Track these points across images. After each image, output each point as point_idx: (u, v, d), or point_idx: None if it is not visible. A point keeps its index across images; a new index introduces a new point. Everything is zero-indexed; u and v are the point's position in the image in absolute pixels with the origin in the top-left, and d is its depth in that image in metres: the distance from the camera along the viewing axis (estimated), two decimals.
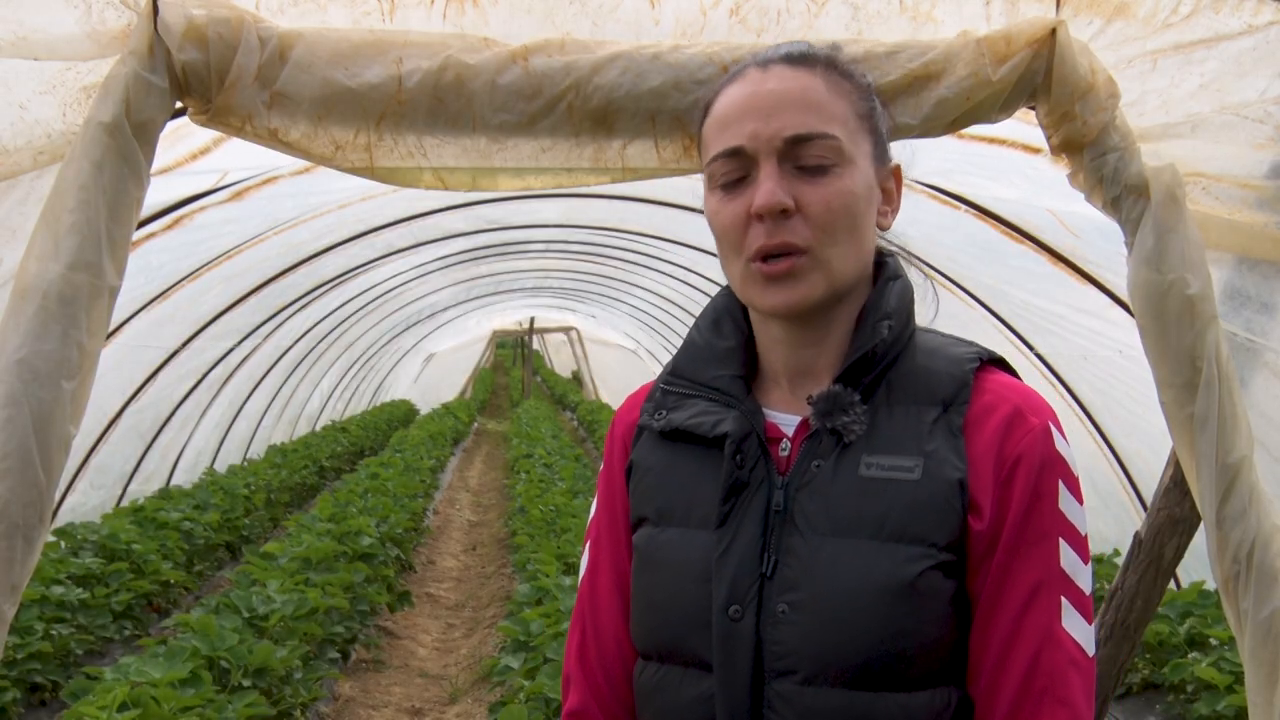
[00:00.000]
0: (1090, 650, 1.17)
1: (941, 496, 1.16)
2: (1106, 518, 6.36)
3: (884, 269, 1.28)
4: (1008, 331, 5.74)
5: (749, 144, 1.19)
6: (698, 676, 1.22)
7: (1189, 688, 4.77)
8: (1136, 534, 2.38)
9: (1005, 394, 1.21)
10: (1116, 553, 6.20)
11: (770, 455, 1.23)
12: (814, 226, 1.18)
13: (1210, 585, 5.27)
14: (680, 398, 1.31)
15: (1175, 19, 1.88)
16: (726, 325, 1.32)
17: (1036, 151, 3.02)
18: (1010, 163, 3.26)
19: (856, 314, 1.25)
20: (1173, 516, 2.29)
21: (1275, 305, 2.19)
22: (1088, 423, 5.81)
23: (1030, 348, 5.73)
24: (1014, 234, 4.60)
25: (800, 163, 1.18)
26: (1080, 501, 1.20)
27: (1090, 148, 1.88)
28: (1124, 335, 4.64)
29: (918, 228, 5.32)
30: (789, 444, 1.24)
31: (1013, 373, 1.27)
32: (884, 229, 1.28)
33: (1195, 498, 1.95)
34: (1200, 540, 2.14)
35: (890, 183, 1.28)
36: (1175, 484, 2.27)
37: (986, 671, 1.17)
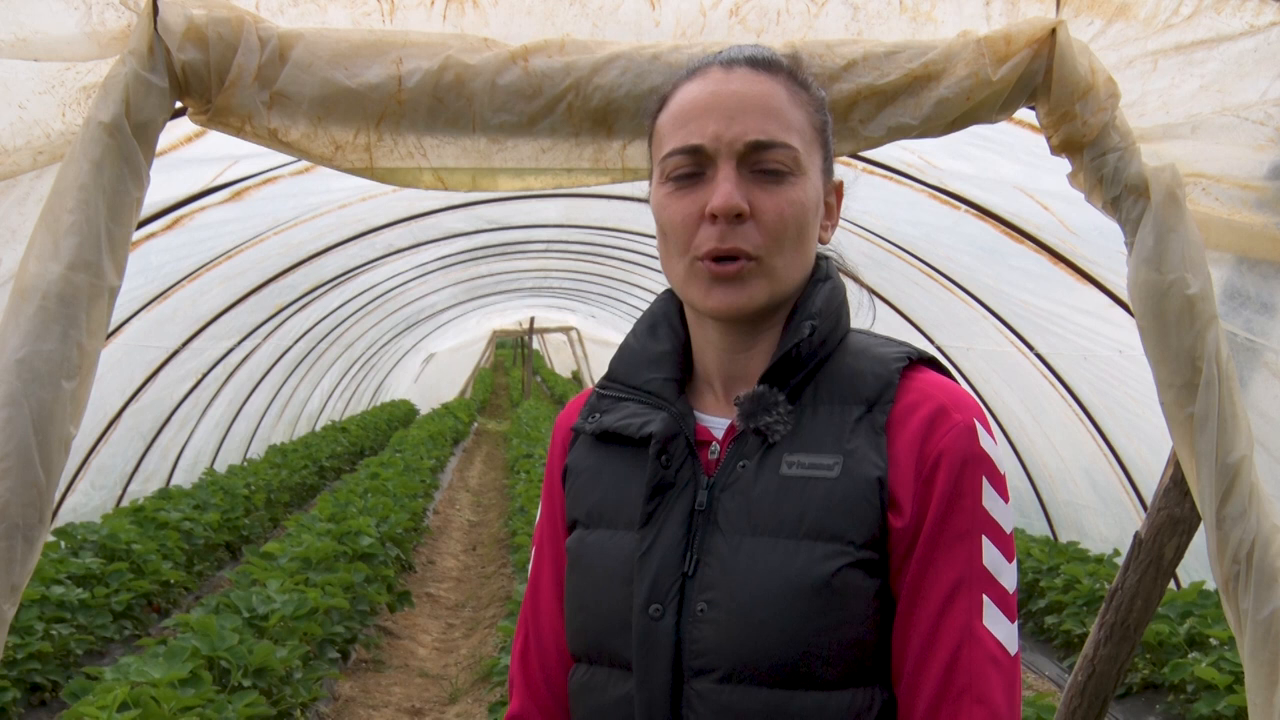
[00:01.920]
0: (1012, 649, 1.16)
1: (859, 494, 1.16)
2: (1106, 518, 6.36)
3: (816, 271, 1.28)
4: (1008, 331, 5.73)
5: (709, 144, 1.18)
6: (622, 676, 1.22)
7: (1189, 688, 4.77)
8: (1136, 534, 2.38)
9: (930, 392, 1.20)
10: (1116, 553, 6.20)
11: (698, 457, 1.24)
12: (765, 233, 1.18)
13: (1210, 585, 5.27)
14: (614, 401, 1.32)
15: (1176, 20, 1.88)
16: (663, 329, 1.33)
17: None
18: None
19: (787, 318, 1.26)
20: (1173, 516, 2.29)
21: (1275, 305, 2.19)
22: (1088, 423, 5.81)
23: (1030, 348, 5.73)
24: (1014, 234, 4.60)
25: (757, 168, 1.18)
26: (1005, 499, 1.19)
27: (1090, 148, 1.88)
28: (1124, 335, 4.64)
29: (918, 228, 5.32)
30: (718, 446, 1.24)
31: (945, 372, 1.26)
32: (824, 243, 1.28)
33: (1195, 498, 1.95)
34: (1200, 540, 2.14)
35: (833, 198, 1.28)
36: (1175, 484, 2.27)
37: (907, 670, 1.16)
